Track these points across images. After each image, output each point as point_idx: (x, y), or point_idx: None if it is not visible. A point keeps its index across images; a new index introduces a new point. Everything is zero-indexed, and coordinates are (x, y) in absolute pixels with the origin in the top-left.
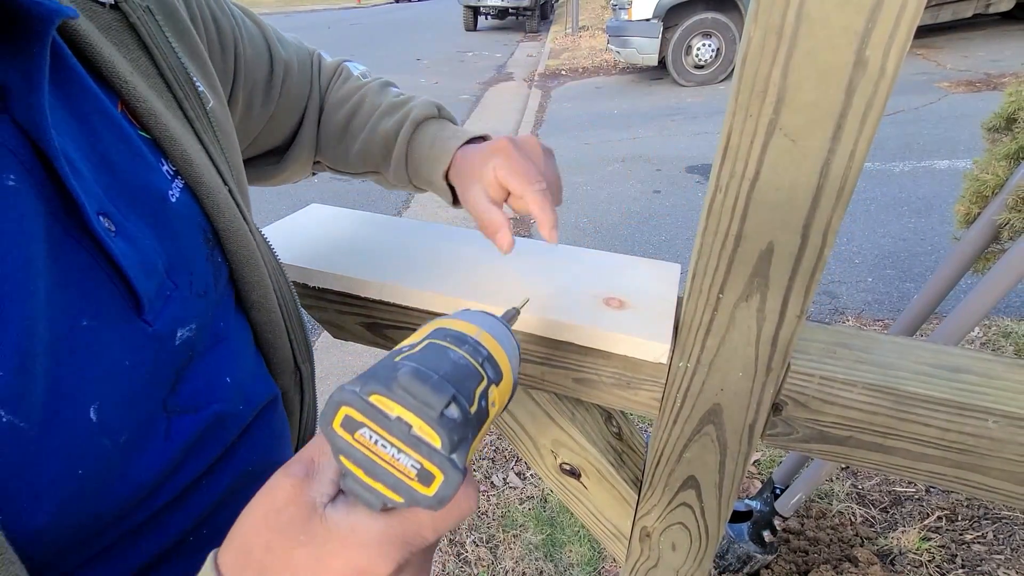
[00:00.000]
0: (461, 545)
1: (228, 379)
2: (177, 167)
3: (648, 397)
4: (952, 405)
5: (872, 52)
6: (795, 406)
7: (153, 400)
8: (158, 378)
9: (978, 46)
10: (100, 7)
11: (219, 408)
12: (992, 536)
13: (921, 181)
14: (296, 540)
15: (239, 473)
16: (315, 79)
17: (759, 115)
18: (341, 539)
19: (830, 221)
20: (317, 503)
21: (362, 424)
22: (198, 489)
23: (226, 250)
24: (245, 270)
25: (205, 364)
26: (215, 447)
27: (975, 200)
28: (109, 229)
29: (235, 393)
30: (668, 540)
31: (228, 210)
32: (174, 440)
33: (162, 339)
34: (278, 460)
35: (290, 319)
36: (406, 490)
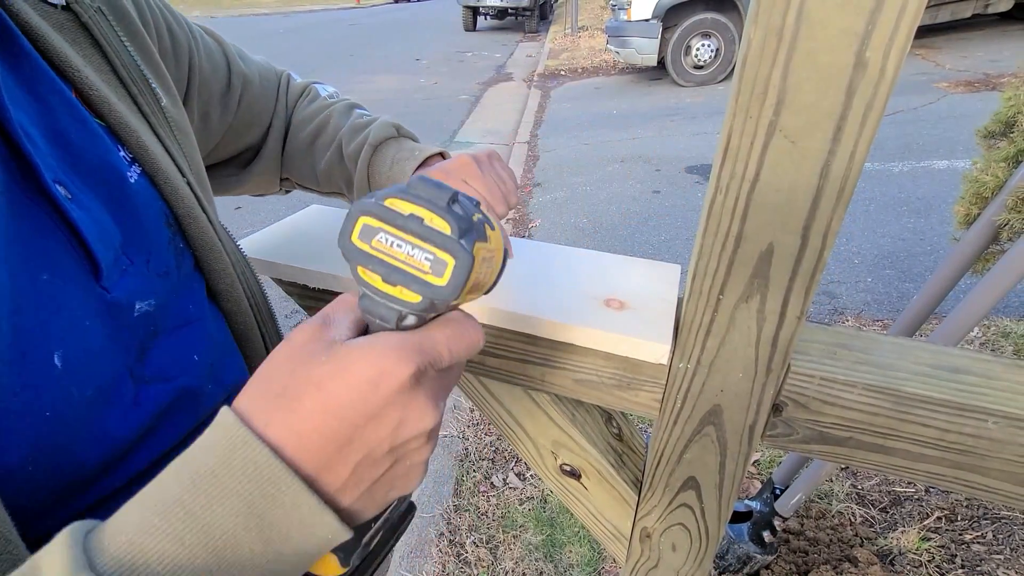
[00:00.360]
0: (461, 546)
1: (196, 357)
2: (134, 154)
3: (648, 398)
4: (952, 406)
5: (872, 54)
6: (795, 407)
7: (117, 363)
8: (120, 344)
9: (977, 46)
10: (52, 8)
11: (187, 383)
12: (992, 536)
13: (920, 181)
14: (319, 361)
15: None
16: (281, 96)
17: (759, 116)
18: (362, 351)
19: (830, 222)
20: (336, 339)
21: (379, 229)
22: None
23: (187, 236)
24: (208, 259)
25: (173, 341)
26: (186, 420)
27: (975, 201)
28: (67, 196)
29: (205, 371)
30: (668, 541)
31: (187, 199)
32: (143, 407)
33: (120, 307)
34: None
35: (260, 313)
36: (421, 285)
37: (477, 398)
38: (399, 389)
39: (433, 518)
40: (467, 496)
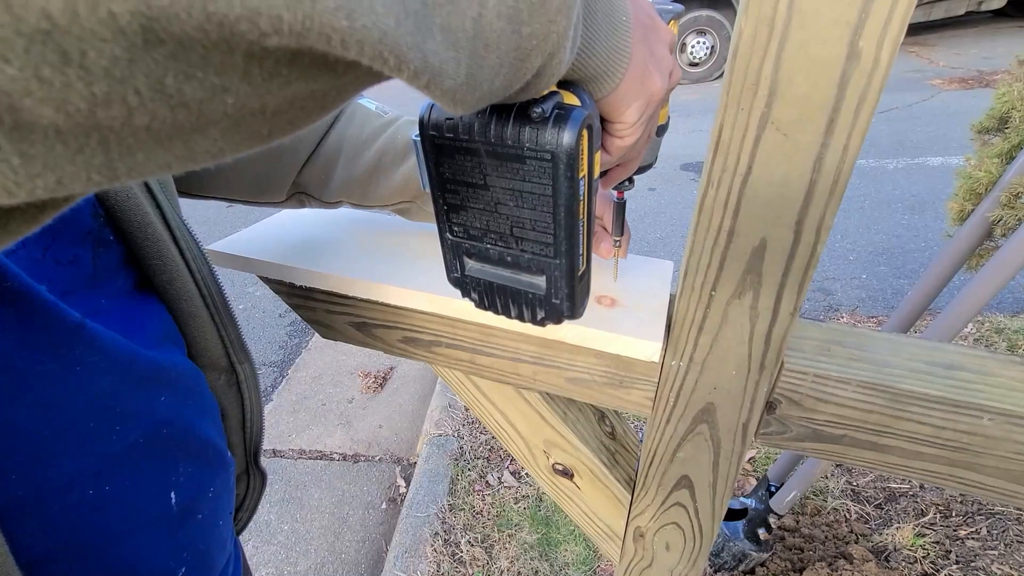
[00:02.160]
0: (456, 545)
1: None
2: None
3: (641, 396)
4: (947, 403)
5: (865, 44)
6: (789, 404)
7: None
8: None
9: (970, 43)
10: None
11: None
12: (986, 532)
13: (914, 178)
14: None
15: (151, 424)
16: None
17: (751, 109)
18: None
19: (823, 217)
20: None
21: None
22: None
23: (121, 230)
24: (144, 252)
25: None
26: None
27: (968, 197)
28: None
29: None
30: (662, 540)
31: (123, 192)
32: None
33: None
34: (198, 431)
35: (217, 313)
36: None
37: (468, 397)
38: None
39: (428, 517)
40: (462, 495)
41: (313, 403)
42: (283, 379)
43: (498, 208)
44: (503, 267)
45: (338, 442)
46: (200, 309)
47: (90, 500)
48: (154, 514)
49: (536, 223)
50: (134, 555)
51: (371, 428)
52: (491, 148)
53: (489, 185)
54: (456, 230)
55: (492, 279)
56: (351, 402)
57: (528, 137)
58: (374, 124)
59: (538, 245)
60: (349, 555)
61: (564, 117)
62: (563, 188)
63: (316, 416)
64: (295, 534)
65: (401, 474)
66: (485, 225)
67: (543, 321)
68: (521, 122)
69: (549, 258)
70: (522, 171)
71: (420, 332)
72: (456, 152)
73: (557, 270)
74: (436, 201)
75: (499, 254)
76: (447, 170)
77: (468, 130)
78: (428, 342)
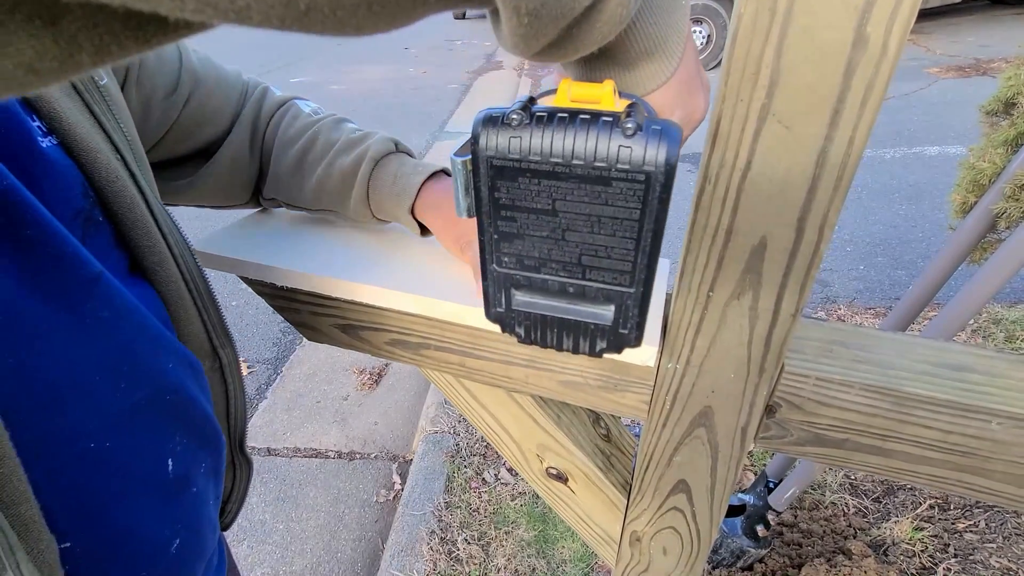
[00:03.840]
0: (452, 543)
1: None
2: (48, 124)
3: (636, 400)
4: (955, 406)
5: (873, 29)
6: (789, 408)
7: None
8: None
9: (967, 31)
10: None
11: None
12: (984, 525)
13: (912, 168)
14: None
15: (157, 388)
16: (248, 104)
17: (751, 99)
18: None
19: (827, 214)
20: None
21: None
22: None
23: (109, 210)
24: (133, 234)
25: None
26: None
27: (971, 189)
28: None
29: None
30: (659, 544)
31: (111, 171)
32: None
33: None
34: (199, 405)
35: (200, 297)
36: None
37: (459, 401)
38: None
39: (424, 515)
40: (458, 493)
41: (308, 401)
42: (277, 377)
43: (566, 235)
44: (562, 299)
45: (333, 440)
46: (183, 292)
47: (92, 455)
48: (151, 479)
49: (613, 250)
50: (130, 519)
51: (366, 425)
52: (569, 169)
53: (558, 211)
54: (507, 261)
55: (545, 312)
56: (346, 399)
57: (620, 155)
58: (302, 123)
59: (611, 274)
60: (345, 554)
61: (661, 132)
62: (654, 211)
63: (311, 414)
64: (290, 533)
65: (397, 472)
66: (546, 254)
67: (601, 352)
68: (611, 137)
69: (623, 287)
70: (605, 193)
71: (407, 334)
72: (520, 175)
73: (630, 299)
74: (484, 230)
75: (560, 285)
76: (504, 195)
77: (541, 149)
78: (416, 344)
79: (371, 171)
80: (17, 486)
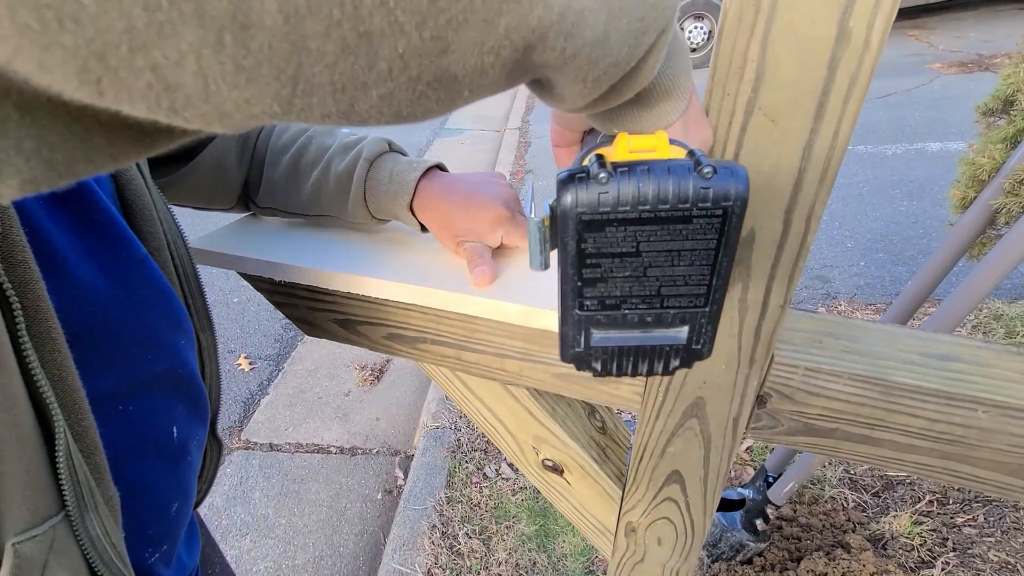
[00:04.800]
0: (454, 538)
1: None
2: None
3: (630, 391)
4: (941, 395)
5: (856, 23)
6: (780, 398)
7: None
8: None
9: (970, 26)
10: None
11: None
12: (983, 519)
13: (913, 164)
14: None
15: (173, 361)
16: None
17: (737, 94)
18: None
19: (813, 206)
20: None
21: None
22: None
23: (123, 197)
24: (138, 221)
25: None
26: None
27: (971, 184)
28: None
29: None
30: (654, 535)
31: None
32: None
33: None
34: (198, 380)
35: (187, 283)
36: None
37: (456, 394)
38: None
39: (425, 510)
40: (459, 487)
41: (310, 396)
42: (279, 373)
43: (647, 272)
44: (639, 328)
45: (335, 435)
46: (173, 278)
47: (120, 415)
48: (161, 444)
49: (691, 277)
50: (144, 477)
51: (368, 421)
52: (654, 213)
53: (641, 251)
54: (589, 304)
55: (622, 343)
56: (348, 395)
57: (701, 196)
58: (295, 130)
59: (687, 298)
60: (347, 548)
61: (731, 172)
62: (731, 239)
63: (313, 410)
64: (293, 528)
65: (398, 467)
66: (627, 292)
67: (674, 370)
68: (691, 181)
69: (698, 308)
70: (687, 230)
71: (404, 328)
72: (608, 225)
73: (704, 317)
74: (569, 279)
75: (639, 317)
76: (591, 246)
77: (631, 199)
78: (413, 338)
79: (367, 171)
80: (93, 437)
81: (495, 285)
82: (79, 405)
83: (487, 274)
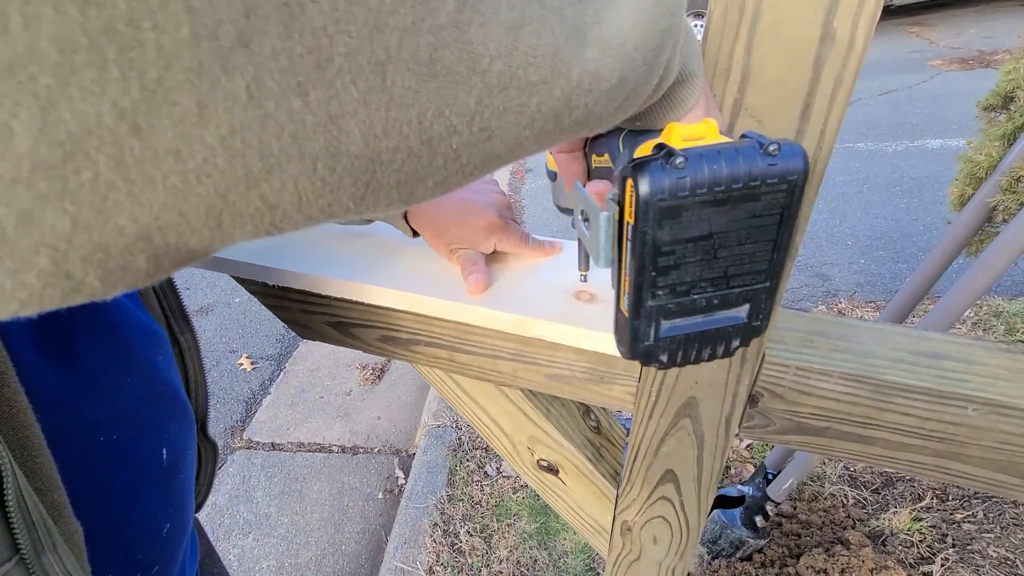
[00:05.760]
0: (455, 536)
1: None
2: None
3: (623, 391)
4: (931, 393)
5: (840, 24)
6: (771, 397)
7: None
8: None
9: (971, 23)
10: None
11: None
12: (982, 515)
13: (913, 161)
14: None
15: (153, 380)
16: None
17: (723, 95)
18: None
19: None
20: None
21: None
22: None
23: None
24: None
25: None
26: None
27: (969, 182)
28: None
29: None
30: (649, 533)
31: None
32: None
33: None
34: (181, 394)
35: (159, 283)
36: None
37: (451, 396)
38: None
39: (427, 508)
40: (460, 486)
41: (311, 396)
42: (281, 372)
43: (717, 253)
44: (706, 312)
45: (337, 434)
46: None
47: (102, 447)
48: (150, 468)
49: (755, 254)
50: (130, 506)
51: (369, 420)
52: (727, 195)
53: (713, 234)
54: (660, 293)
55: (688, 331)
56: (349, 394)
57: (769, 172)
58: None
59: (751, 275)
60: (349, 546)
61: (791, 147)
62: (793, 212)
63: (314, 409)
64: (295, 526)
65: (400, 465)
66: (697, 276)
67: (734, 350)
68: (759, 160)
69: (759, 283)
70: (755, 208)
71: (397, 331)
72: (684, 210)
73: (764, 292)
74: (644, 270)
75: (707, 300)
76: (667, 233)
77: (707, 182)
78: (406, 340)
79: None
80: (49, 474)
81: (488, 292)
82: (31, 442)
83: (481, 282)
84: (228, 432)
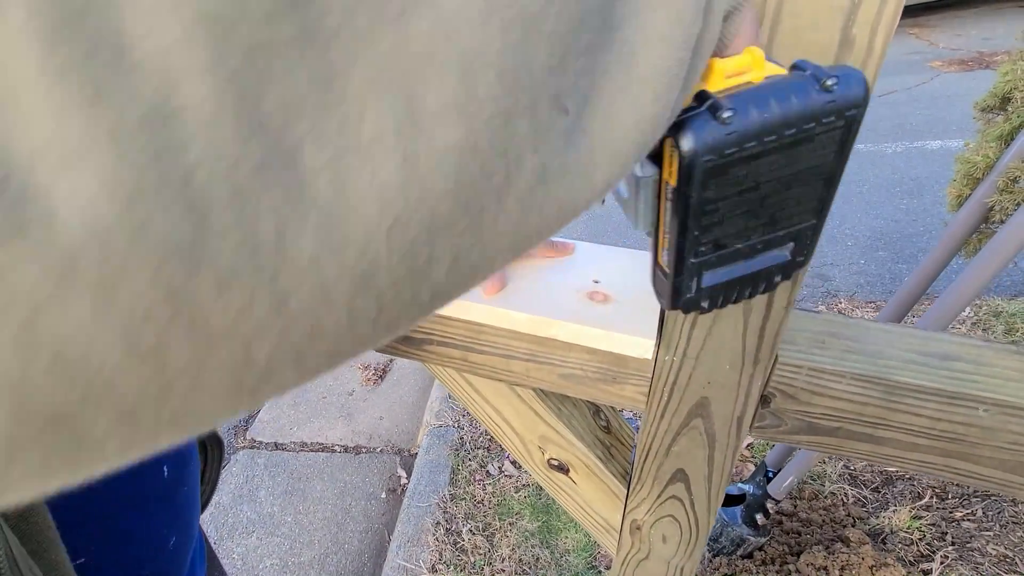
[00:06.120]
0: (458, 534)
1: None
2: None
3: (635, 392)
4: (942, 394)
5: (859, 30)
6: (784, 398)
7: None
8: None
9: (971, 24)
10: None
11: None
12: (981, 513)
13: (913, 162)
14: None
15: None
16: None
17: None
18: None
19: None
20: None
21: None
22: None
23: None
24: None
25: None
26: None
27: (966, 182)
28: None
29: None
30: (659, 533)
31: None
32: None
33: None
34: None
35: None
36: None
37: (463, 395)
38: None
39: (429, 507)
40: (463, 485)
41: (313, 396)
42: None
43: (764, 203)
44: (750, 257)
45: (339, 434)
46: None
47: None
48: (152, 486)
49: (804, 195)
50: (135, 525)
51: (372, 420)
52: (780, 142)
53: (760, 185)
54: (703, 250)
55: (731, 277)
56: (351, 394)
57: (826, 110)
58: None
59: (799, 216)
60: (352, 545)
61: (849, 74)
62: (849, 146)
63: (317, 409)
64: (298, 525)
65: (402, 465)
66: (741, 227)
67: (776, 285)
68: (814, 97)
69: (806, 222)
70: (808, 150)
71: (411, 330)
72: (732, 167)
73: (811, 228)
74: (687, 231)
75: (750, 247)
76: (713, 192)
77: (757, 132)
78: (419, 340)
79: None
80: (47, 534)
81: (503, 292)
82: (28, 504)
83: (496, 282)
84: (231, 432)
